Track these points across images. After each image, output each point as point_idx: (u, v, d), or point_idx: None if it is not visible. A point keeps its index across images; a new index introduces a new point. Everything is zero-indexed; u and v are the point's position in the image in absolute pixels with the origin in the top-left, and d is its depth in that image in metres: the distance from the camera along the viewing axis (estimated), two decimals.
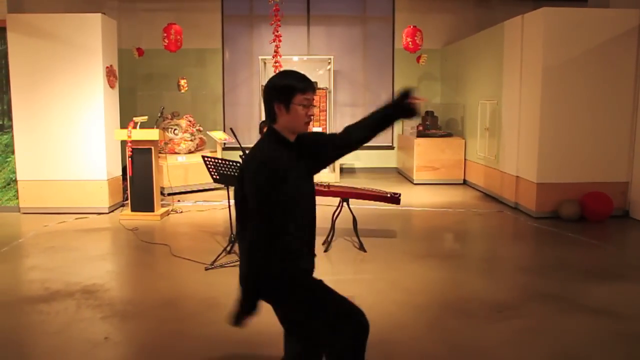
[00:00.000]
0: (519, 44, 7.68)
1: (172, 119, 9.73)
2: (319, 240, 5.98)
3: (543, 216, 7.19)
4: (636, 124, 7.16)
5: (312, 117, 2.43)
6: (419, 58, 10.77)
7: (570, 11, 7.10)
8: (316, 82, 10.68)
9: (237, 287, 2.45)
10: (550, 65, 7.05)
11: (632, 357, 3.49)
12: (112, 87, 7.75)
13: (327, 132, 2.62)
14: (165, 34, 9.13)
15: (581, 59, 7.07)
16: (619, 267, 5.37)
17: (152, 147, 7.18)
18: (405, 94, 2.48)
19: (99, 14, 7.48)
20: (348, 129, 2.56)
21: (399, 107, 2.49)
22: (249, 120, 11.56)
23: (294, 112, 2.37)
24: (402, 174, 11.17)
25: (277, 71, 8.63)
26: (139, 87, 11.31)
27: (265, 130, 2.48)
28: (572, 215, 7.04)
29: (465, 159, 10.04)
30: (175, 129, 9.57)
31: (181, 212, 7.78)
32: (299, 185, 2.42)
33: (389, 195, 5.76)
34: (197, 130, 9.79)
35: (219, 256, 5.34)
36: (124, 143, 7.43)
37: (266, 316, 4.07)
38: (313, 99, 2.41)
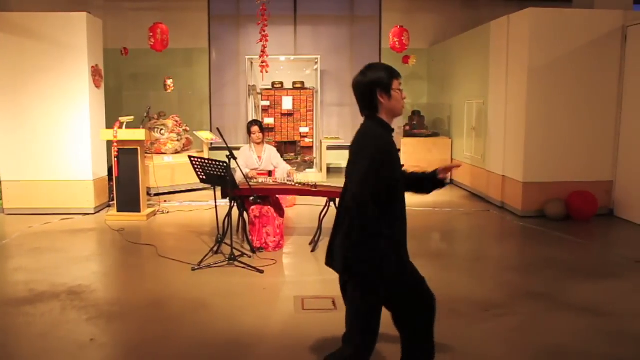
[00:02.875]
0: (504, 44, 7.72)
1: (158, 119, 9.68)
2: (305, 240, 5.99)
3: (529, 215, 7.24)
4: (620, 123, 7.24)
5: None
6: (405, 58, 10.79)
7: (555, 12, 7.16)
8: (303, 82, 10.70)
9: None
10: (536, 65, 7.10)
11: (617, 354, 3.52)
12: (97, 86, 7.70)
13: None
14: (151, 34, 9.07)
15: (566, 59, 7.12)
16: (604, 265, 5.42)
17: (139, 147, 7.14)
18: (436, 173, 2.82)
19: (84, 13, 7.42)
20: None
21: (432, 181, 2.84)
22: (236, 120, 11.53)
23: (395, 97, 2.59)
24: None
25: (264, 71, 8.70)
26: (125, 87, 11.24)
27: (367, 119, 2.62)
28: (558, 214, 7.09)
29: (452, 159, 10.08)
30: (161, 129, 9.52)
31: (168, 212, 7.74)
32: (399, 169, 2.64)
33: None
34: (183, 130, 9.75)
35: (205, 257, 5.32)
36: (109, 143, 7.37)
37: (255, 317, 4.07)
38: None
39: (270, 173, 6.30)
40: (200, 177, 5.49)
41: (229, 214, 5.58)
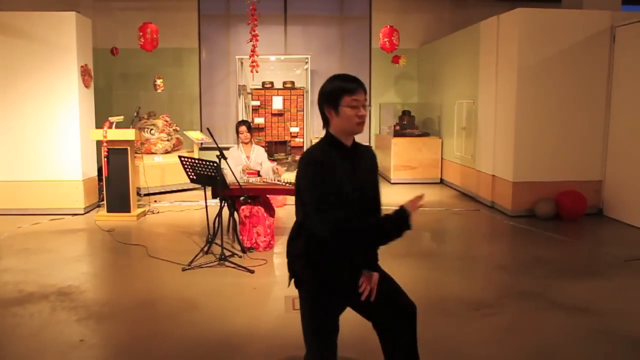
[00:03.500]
0: (494, 44, 7.76)
1: (148, 118, 9.64)
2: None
3: (519, 215, 7.27)
4: (609, 123, 7.29)
5: (363, 117, 2.41)
6: (395, 58, 10.82)
7: (544, 12, 7.20)
8: (293, 82, 10.68)
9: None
10: (525, 65, 7.13)
11: (608, 353, 3.54)
12: (87, 86, 7.66)
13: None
14: (141, 33, 9.04)
15: (555, 59, 7.17)
16: (593, 264, 5.46)
17: (128, 147, 7.11)
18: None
19: (73, 13, 7.38)
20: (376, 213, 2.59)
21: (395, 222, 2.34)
22: (226, 120, 11.50)
23: (343, 115, 2.38)
24: (380, 174, 11.19)
25: (254, 71, 8.69)
26: (114, 87, 11.19)
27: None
28: (548, 214, 7.13)
29: (442, 158, 10.11)
30: (151, 129, 9.48)
31: (158, 212, 7.71)
32: (344, 184, 2.38)
33: None
34: (173, 130, 9.71)
35: (196, 257, 5.31)
36: (99, 143, 7.33)
37: (246, 317, 4.06)
38: (364, 100, 2.41)
39: (259, 173, 6.30)
40: (191, 177, 5.47)
41: (220, 214, 5.57)
